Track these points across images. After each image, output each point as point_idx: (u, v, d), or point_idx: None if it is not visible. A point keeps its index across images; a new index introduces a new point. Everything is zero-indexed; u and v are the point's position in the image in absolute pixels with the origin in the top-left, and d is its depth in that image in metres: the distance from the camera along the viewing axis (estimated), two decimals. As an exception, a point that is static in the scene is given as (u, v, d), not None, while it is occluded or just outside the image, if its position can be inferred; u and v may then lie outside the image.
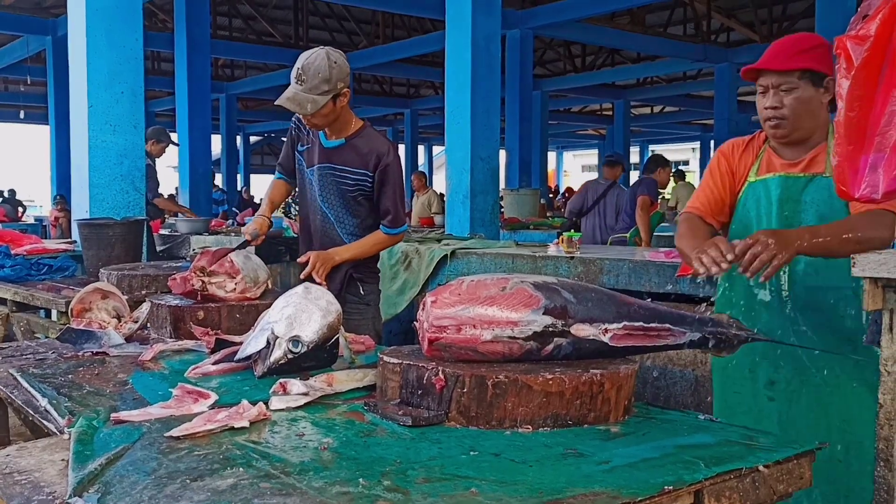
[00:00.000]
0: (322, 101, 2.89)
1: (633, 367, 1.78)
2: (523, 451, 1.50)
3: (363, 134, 3.10)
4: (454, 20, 7.82)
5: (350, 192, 3.09)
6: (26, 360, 2.34)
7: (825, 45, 2.15)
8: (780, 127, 2.18)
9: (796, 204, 2.19)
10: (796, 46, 2.15)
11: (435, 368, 1.69)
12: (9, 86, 20.40)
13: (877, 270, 1.41)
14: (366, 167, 3.05)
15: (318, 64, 2.88)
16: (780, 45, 2.19)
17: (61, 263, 4.72)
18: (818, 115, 2.17)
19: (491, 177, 7.75)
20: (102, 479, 1.32)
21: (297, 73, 2.92)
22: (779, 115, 2.16)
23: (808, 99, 2.14)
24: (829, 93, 2.14)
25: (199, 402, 1.79)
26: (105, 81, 5.29)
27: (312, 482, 1.32)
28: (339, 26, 18.03)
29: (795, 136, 2.19)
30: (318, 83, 2.87)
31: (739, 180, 2.33)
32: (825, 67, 2.12)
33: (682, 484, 1.35)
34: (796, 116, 2.15)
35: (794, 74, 2.13)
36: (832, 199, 2.09)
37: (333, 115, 2.99)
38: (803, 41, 2.17)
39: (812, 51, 2.14)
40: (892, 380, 1.42)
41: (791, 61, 2.13)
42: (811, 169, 2.19)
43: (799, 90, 2.13)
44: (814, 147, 2.21)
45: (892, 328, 1.41)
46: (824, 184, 2.15)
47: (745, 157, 2.34)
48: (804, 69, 2.12)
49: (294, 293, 2.17)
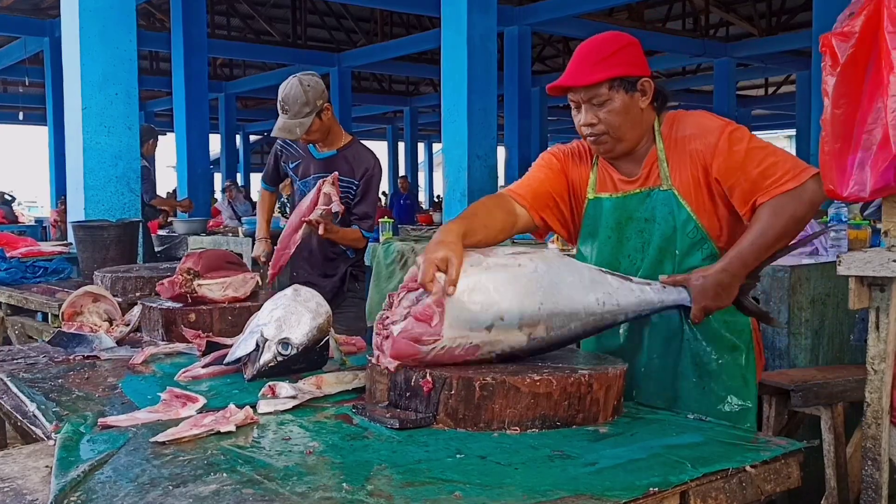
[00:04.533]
0: (308, 122, 3.29)
1: (622, 367, 1.78)
2: (510, 453, 1.50)
3: (353, 147, 3.51)
4: (450, 18, 7.81)
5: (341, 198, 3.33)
6: (17, 365, 2.34)
7: (631, 44, 1.97)
8: (601, 143, 1.99)
9: (636, 223, 2.04)
10: (598, 54, 1.94)
11: (423, 371, 1.68)
12: (7, 87, 20.40)
13: (862, 269, 1.41)
14: (353, 176, 3.43)
15: (294, 93, 3.29)
16: (581, 55, 1.97)
17: (56, 266, 4.72)
18: (640, 121, 1.98)
19: (488, 175, 7.75)
20: (85, 485, 1.31)
21: (281, 105, 3.32)
22: (596, 131, 1.97)
23: (623, 108, 1.94)
24: (646, 95, 1.96)
25: (187, 406, 1.78)
26: (99, 82, 5.29)
27: (296, 487, 1.31)
28: (337, 24, 18.02)
29: (621, 148, 2.00)
30: (298, 108, 3.28)
31: (579, 191, 2.14)
32: (635, 70, 1.95)
33: (668, 485, 1.34)
34: (615, 129, 1.95)
35: (602, 86, 1.92)
36: (672, 214, 1.97)
37: (324, 127, 3.39)
38: (605, 46, 1.96)
39: (615, 55, 1.93)
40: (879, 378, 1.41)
41: (594, 73, 1.91)
42: (648, 183, 2.01)
43: (612, 101, 1.93)
44: (646, 156, 2.02)
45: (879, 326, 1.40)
46: (662, 198, 1.98)
47: (580, 167, 2.14)
48: (612, 78, 1.92)
49: (283, 295, 2.16)
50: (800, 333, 3.20)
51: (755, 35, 15.67)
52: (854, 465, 2.80)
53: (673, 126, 2.00)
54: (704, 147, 1.92)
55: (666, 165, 1.97)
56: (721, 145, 1.90)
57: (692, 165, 1.95)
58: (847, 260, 1.44)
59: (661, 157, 1.98)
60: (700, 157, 1.93)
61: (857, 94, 1.48)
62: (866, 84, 1.48)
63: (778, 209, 1.81)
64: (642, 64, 1.99)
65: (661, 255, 2.01)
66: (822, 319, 3.24)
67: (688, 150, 1.95)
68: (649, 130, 2.03)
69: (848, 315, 3.16)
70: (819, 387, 2.72)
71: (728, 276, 1.84)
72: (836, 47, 1.45)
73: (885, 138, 1.40)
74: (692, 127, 1.97)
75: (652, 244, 2.02)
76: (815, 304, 3.23)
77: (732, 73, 16.56)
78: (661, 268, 2.00)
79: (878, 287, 1.41)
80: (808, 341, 3.21)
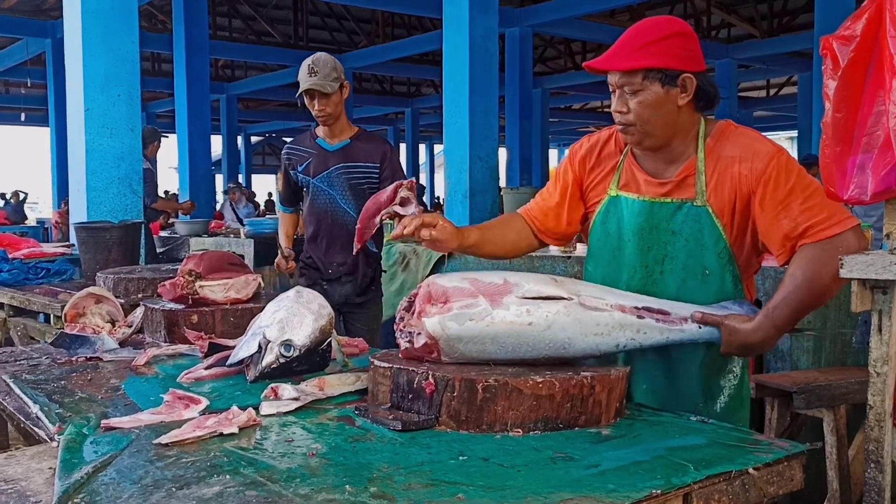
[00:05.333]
0: (335, 86, 3.41)
1: (624, 369, 1.78)
2: (512, 455, 1.50)
3: (362, 135, 3.61)
4: (451, 19, 7.82)
5: (360, 184, 3.52)
6: (20, 366, 2.34)
7: (683, 33, 1.82)
8: (628, 133, 1.89)
9: (661, 233, 1.92)
10: (640, 39, 1.80)
11: (425, 372, 1.69)
12: (9, 88, 20.43)
13: (864, 272, 1.41)
14: (373, 161, 3.53)
15: (326, 58, 3.44)
16: (626, 37, 1.84)
17: (59, 267, 4.73)
18: (674, 120, 1.84)
19: (490, 176, 7.75)
20: (88, 487, 1.32)
21: (310, 67, 3.41)
22: (624, 120, 1.86)
23: (655, 102, 1.81)
24: (686, 92, 1.82)
25: (190, 408, 1.78)
26: (101, 84, 5.30)
27: (299, 489, 1.31)
28: (339, 26, 18.03)
29: (649, 142, 1.88)
30: (328, 71, 3.40)
31: (593, 191, 2.06)
32: (678, 63, 1.79)
33: (671, 487, 1.34)
34: (644, 122, 1.83)
35: (636, 75, 1.79)
36: (702, 231, 1.87)
37: (341, 105, 3.49)
38: (650, 31, 1.81)
39: (658, 44, 1.78)
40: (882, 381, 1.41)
41: (631, 59, 1.79)
42: (680, 193, 1.89)
43: (644, 92, 1.81)
44: (683, 163, 1.90)
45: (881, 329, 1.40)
46: (694, 213, 1.87)
47: (602, 165, 2.04)
48: (648, 68, 1.79)
49: (286, 297, 2.17)
50: (802, 335, 3.20)
51: (757, 37, 15.68)
52: (856, 468, 2.80)
53: (720, 141, 1.88)
54: (750, 173, 1.81)
55: (704, 179, 1.86)
56: (769, 173, 1.79)
57: (732, 188, 1.84)
58: (849, 262, 1.44)
59: (700, 170, 1.86)
60: (745, 183, 1.82)
61: (858, 97, 1.48)
62: (867, 87, 1.48)
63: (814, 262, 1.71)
64: (691, 57, 1.82)
65: (686, 273, 1.91)
66: (825, 321, 3.24)
67: (730, 172, 1.84)
68: (690, 134, 1.90)
69: (850, 317, 3.16)
70: (821, 389, 2.72)
71: (758, 337, 1.74)
72: (837, 50, 1.45)
73: (887, 142, 1.41)
74: (741, 148, 1.84)
75: (676, 259, 1.92)
76: (817, 305, 3.23)
77: (734, 74, 16.56)
78: (686, 285, 1.91)
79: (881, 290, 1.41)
80: (810, 343, 3.21)
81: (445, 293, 1.76)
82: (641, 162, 1.97)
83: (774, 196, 1.78)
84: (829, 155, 1.50)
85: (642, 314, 1.78)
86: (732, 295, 1.88)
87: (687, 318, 1.79)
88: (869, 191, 1.45)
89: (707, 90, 1.86)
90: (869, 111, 1.43)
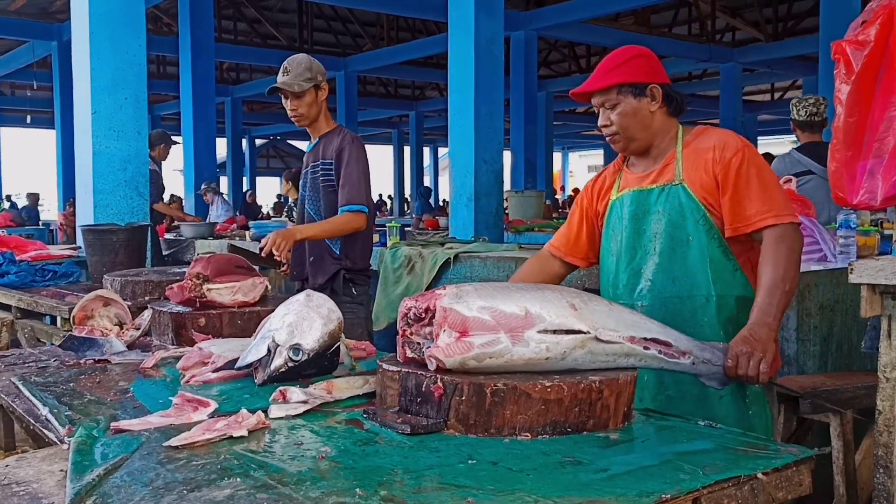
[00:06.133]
0: (306, 87, 3.35)
1: (632, 373, 1.78)
2: (521, 459, 1.50)
3: (332, 132, 3.50)
4: (457, 23, 7.82)
5: (322, 183, 3.42)
6: (28, 368, 2.35)
7: (643, 55, 2.23)
8: (615, 141, 2.27)
9: (648, 215, 2.24)
10: (609, 64, 2.23)
11: (433, 376, 1.69)
12: (15, 91, 20.50)
13: (874, 277, 1.41)
14: (330, 157, 3.42)
15: (301, 58, 3.41)
16: (601, 65, 2.27)
17: (66, 269, 4.74)
18: (649, 123, 2.22)
19: (495, 179, 7.74)
20: (100, 489, 1.32)
21: (284, 68, 3.39)
22: (609, 131, 2.25)
23: (632, 111, 2.20)
24: (655, 100, 2.20)
25: (199, 411, 1.79)
26: (108, 87, 5.32)
27: (309, 492, 1.31)
28: (344, 29, 18.05)
29: (634, 146, 2.26)
30: (301, 71, 3.34)
31: (601, 205, 2.40)
32: (643, 77, 2.19)
33: (680, 492, 1.34)
34: (625, 129, 2.22)
35: (612, 91, 2.20)
36: (682, 205, 2.16)
37: (316, 106, 3.43)
38: (618, 56, 2.24)
39: (625, 64, 2.20)
40: (891, 386, 1.41)
41: (605, 79, 2.21)
42: (661, 179, 2.22)
43: (620, 105, 2.20)
44: (664, 156, 2.25)
45: (891, 334, 1.40)
46: (675, 192, 2.19)
47: (605, 188, 2.41)
48: (620, 84, 2.19)
49: (295, 300, 2.17)
50: (808, 340, 3.19)
51: (761, 40, 15.67)
52: (863, 473, 2.79)
53: (697, 137, 2.21)
54: (720, 158, 2.12)
55: (681, 165, 2.18)
56: (733, 161, 2.09)
57: (703, 170, 2.15)
58: (859, 268, 1.44)
59: (677, 158, 2.20)
60: (713, 166, 2.13)
61: (869, 102, 1.49)
62: (878, 92, 1.48)
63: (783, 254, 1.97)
64: (654, 72, 2.21)
65: (674, 243, 2.18)
66: (831, 326, 3.23)
67: (703, 158, 2.15)
68: (669, 135, 2.25)
69: (857, 321, 3.15)
70: (828, 393, 2.71)
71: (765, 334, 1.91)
72: (850, 55, 1.45)
73: (898, 147, 1.41)
74: (714, 140, 2.16)
75: (664, 234, 2.20)
76: (824, 310, 3.22)
77: (738, 78, 16.55)
78: (675, 254, 2.18)
79: (891, 295, 1.41)
80: (817, 348, 3.21)
81: (465, 324, 1.71)
82: (633, 168, 2.34)
83: (735, 181, 2.08)
84: (839, 159, 1.50)
85: (648, 346, 1.83)
86: (721, 257, 2.14)
87: (685, 352, 1.87)
88: (879, 196, 1.45)
89: (673, 97, 2.23)
90: (880, 116, 1.43)
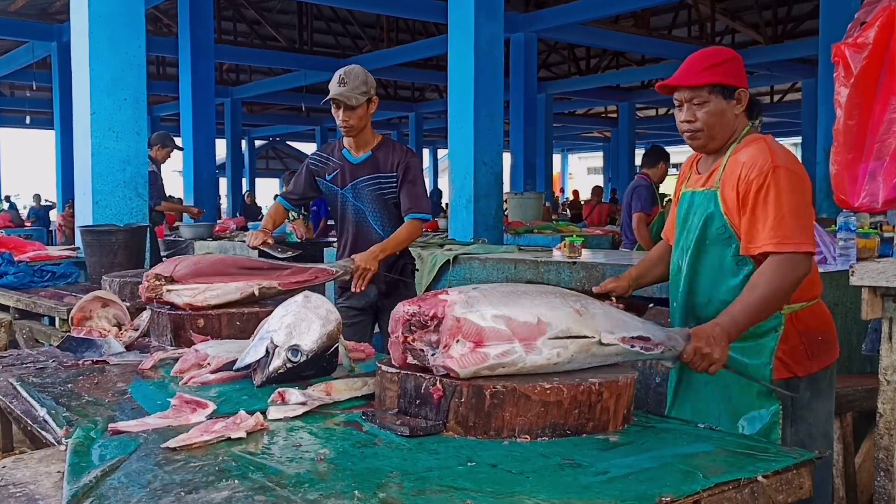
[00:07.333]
0: (362, 99, 3.43)
1: (632, 376, 1.77)
2: (521, 461, 1.50)
3: (384, 144, 3.60)
4: (457, 24, 7.81)
5: (385, 194, 3.53)
6: (26, 369, 2.34)
7: (735, 58, 2.27)
8: (695, 139, 2.28)
9: (690, 217, 2.33)
10: (706, 61, 2.25)
11: (433, 378, 1.68)
12: (15, 91, 20.47)
13: (875, 279, 1.40)
14: (392, 170, 3.53)
15: (357, 71, 3.48)
16: (692, 61, 2.29)
17: (64, 270, 4.73)
18: (732, 125, 2.26)
19: (494, 181, 7.74)
20: (97, 491, 1.32)
21: (340, 77, 3.43)
22: (693, 128, 2.26)
23: (719, 111, 2.23)
24: (740, 104, 2.25)
25: (197, 412, 1.78)
26: (108, 88, 5.31)
27: (308, 495, 1.31)
28: (344, 30, 18.04)
29: (712, 145, 2.29)
30: (358, 84, 3.42)
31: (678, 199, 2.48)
32: (734, 80, 2.23)
33: (681, 495, 1.34)
34: (709, 128, 2.24)
35: (704, 89, 2.22)
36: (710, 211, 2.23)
37: (366, 118, 3.51)
38: (713, 56, 2.27)
39: (721, 65, 2.23)
40: (892, 389, 1.41)
41: (700, 77, 2.22)
42: (708, 183, 2.29)
43: (710, 104, 2.23)
44: (719, 160, 2.29)
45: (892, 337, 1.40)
46: (710, 197, 2.27)
47: (685, 175, 2.47)
48: (713, 84, 2.22)
49: (294, 302, 2.16)
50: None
51: (761, 43, 15.65)
52: (863, 475, 2.79)
53: (743, 147, 2.24)
54: (746, 176, 2.16)
55: (721, 173, 2.24)
56: (758, 181, 2.12)
57: (733, 185, 2.20)
58: (860, 270, 1.44)
59: (723, 165, 2.25)
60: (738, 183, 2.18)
61: (870, 104, 1.48)
62: (878, 94, 1.47)
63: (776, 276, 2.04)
64: (741, 77, 2.27)
65: (698, 246, 2.28)
66: (831, 328, 3.22)
67: (736, 173, 2.20)
68: (735, 139, 2.28)
69: (856, 324, 3.15)
70: (828, 396, 2.71)
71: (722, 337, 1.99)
72: (849, 58, 1.44)
73: (899, 149, 1.40)
74: (749, 156, 2.18)
75: (695, 237, 2.28)
76: (824, 312, 3.22)
77: (739, 80, 16.50)
78: (699, 258, 2.27)
79: (892, 297, 1.41)
80: (817, 350, 3.20)
81: (480, 334, 1.70)
82: (700, 166, 2.39)
83: (753, 203, 2.13)
84: (840, 162, 1.50)
85: (634, 343, 1.87)
86: (731, 264, 2.20)
87: (659, 343, 1.92)
88: (880, 198, 1.45)
89: (756, 103, 2.30)
90: (880, 119, 1.42)
